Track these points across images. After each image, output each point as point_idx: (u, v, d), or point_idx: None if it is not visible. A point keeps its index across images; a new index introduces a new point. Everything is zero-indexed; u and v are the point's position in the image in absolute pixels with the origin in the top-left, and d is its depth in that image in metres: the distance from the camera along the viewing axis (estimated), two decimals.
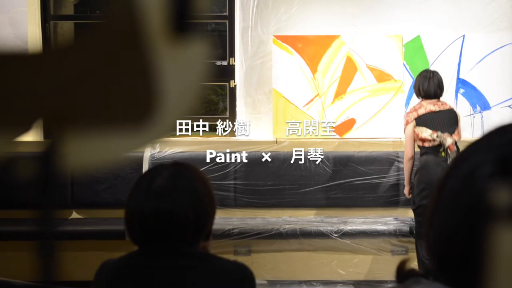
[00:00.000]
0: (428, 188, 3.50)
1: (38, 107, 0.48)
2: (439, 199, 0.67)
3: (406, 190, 3.79)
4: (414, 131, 3.64)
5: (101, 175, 4.13)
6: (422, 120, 3.62)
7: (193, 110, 0.49)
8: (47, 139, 0.50)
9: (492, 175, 0.62)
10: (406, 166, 3.74)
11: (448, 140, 3.53)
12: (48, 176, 0.47)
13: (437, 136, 3.55)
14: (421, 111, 3.63)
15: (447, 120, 3.62)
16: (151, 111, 0.47)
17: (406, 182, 3.78)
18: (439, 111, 3.63)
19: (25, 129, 0.47)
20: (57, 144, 0.47)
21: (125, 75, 0.48)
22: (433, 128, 3.60)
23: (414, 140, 3.66)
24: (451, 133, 3.58)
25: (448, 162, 3.49)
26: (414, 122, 3.64)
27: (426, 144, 3.60)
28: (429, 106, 3.64)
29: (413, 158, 3.68)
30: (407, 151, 3.70)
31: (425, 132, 3.59)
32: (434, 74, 3.68)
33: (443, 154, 3.54)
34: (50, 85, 0.48)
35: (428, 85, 3.64)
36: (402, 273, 0.75)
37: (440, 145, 3.56)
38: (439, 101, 3.67)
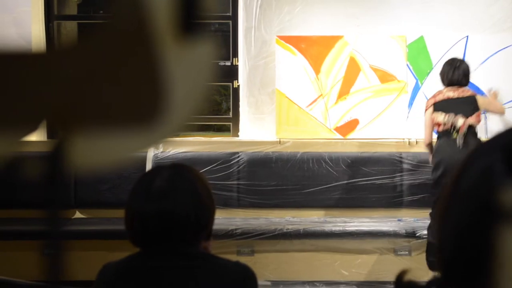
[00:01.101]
0: (442, 166, 3.63)
1: (45, 107, 0.48)
2: (450, 197, 0.66)
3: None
4: (431, 118, 3.72)
5: (104, 175, 4.13)
6: (438, 106, 3.69)
7: (200, 110, 0.49)
8: (52, 139, 0.50)
9: (503, 174, 0.61)
10: (427, 150, 3.86)
11: (459, 121, 3.61)
12: (55, 176, 0.47)
13: (447, 119, 3.63)
14: (439, 97, 3.70)
15: (464, 106, 3.67)
16: (158, 111, 0.47)
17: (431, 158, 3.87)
18: (457, 98, 3.68)
19: (32, 128, 0.47)
20: (63, 144, 0.47)
21: (132, 75, 0.48)
22: (447, 112, 3.67)
23: (432, 127, 3.75)
24: (466, 116, 3.64)
25: (458, 143, 3.60)
26: (431, 108, 3.71)
27: (441, 128, 3.69)
28: (448, 92, 3.69)
29: (430, 144, 3.76)
30: (426, 136, 3.79)
31: (440, 117, 3.67)
32: (461, 63, 3.73)
33: (454, 135, 3.63)
34: (57, 85, 0.48)
35: (453, 74, 3.69)
36: (401, 284, 0.75)
37: (453, 127, 3.64)
38: (460, 87, 3.71)
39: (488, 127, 4.34)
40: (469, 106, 3.69)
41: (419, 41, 4.35)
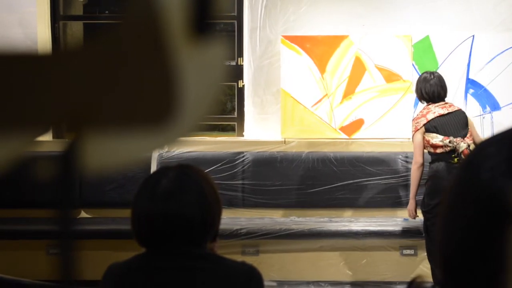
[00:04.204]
0: (440, 194, 3.30)
1: (56, 108, 0.48)
2: (453, 196, 0.65)
3: (410, 207, 3.57)
4: (423, 138, 3.46)
5: (109, 175, 4.14)
6: (432, 126, 3.45)
7: (211, 110, 0.49)
8: (58, 139, 0.50)
9: (504, 172, 0.60)
10: (414, 174, 3.51)
11: (462, 145, 3.35)
12: (65, 176, 0.47)
13: (449, 142, 3.38)
14: (430, 116, 3.46)
15: (458, 123, 3.46)
16: (170, 111, 0.47)
17: (411, 195, 3.56)
18: (449, 114, 3.47)
19: (43, 129, 0.47)
20: (75, 144, 0.47)
21: (145, 76, 0.48)
22: (445, 133, 3.42)
23: (424, 147, 3.48)
24: (463, 137, 3.42)
25: None
26: (423, 129, 3.46)
27: (438, 151, 3.42)
28: (437, 109, 3.48)
29: (423, 165, 3.48)
30: (417, 158, 3.48)
31: (436, 138, 3.42)
32: (435, 75, 3.55)
33: (456, 160, 3.36)
34: (68, 85, 0.48)
35: (431, 86, 3.49)
36: None
37: (453, 151, 3.38)
38: (446, 103, 3.52)
39: (495, 127, 4.32)
40: (462, 122, 3.46)
41: (425, 40, 4.34)
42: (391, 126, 4.32)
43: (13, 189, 4.03)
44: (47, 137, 3.72)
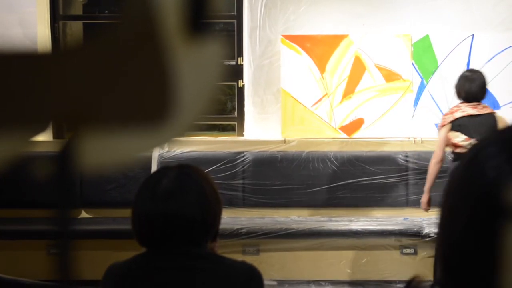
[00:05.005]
0: None
1: (53, 107, 0.48)
2: (454, 195, 0.65)
3: (424, 199, 3.57)
4: (447, 136, 3.44)
5: (109, 175, 4.15)
6: (457, 124, 3.43)
7: (208, 110, 0.49)
8: (58, 139, 0.50)
9: (505, 171, 0.60)
10: (431, 169, 3.52)
11: None
12: (63, 176, 0.47)
13: (469, 144, 3.36)
14: (458, 114, 3.44)
15: (485, 127, 3.40)
16: (167, 111, 0.47)
17: (426, 188, 3.55)
18: (478, 116, 3.43)
19: (41, 129, 0.48)
20: (72, 144, 0.48)
21: (141, 75, 0.48)
22: (468, 134, 3.40)
23: (447, 144, 3.47)
24: None
25: None
26: (449, 126, 3.44)
27: (458, 150, 3.42)
28: (468, 109, 3.44)
29: (441, 162, 3.48)
30: (437, 153, 3.49)
31: (458, 138, 3.41)
32: (478, 75, 3.48)
33: None
34: (66, 84, 0.48)
35: (470, 87, 3.43)
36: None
37: None
38: (479, 104, 3.47)
39: None
40: (489, 126, 3.39)
41: (425, 39, 4.34)
42: (391, 126, 4.33)
43: (13, 189, 4.03)
44: (47, 137, 3.73)
